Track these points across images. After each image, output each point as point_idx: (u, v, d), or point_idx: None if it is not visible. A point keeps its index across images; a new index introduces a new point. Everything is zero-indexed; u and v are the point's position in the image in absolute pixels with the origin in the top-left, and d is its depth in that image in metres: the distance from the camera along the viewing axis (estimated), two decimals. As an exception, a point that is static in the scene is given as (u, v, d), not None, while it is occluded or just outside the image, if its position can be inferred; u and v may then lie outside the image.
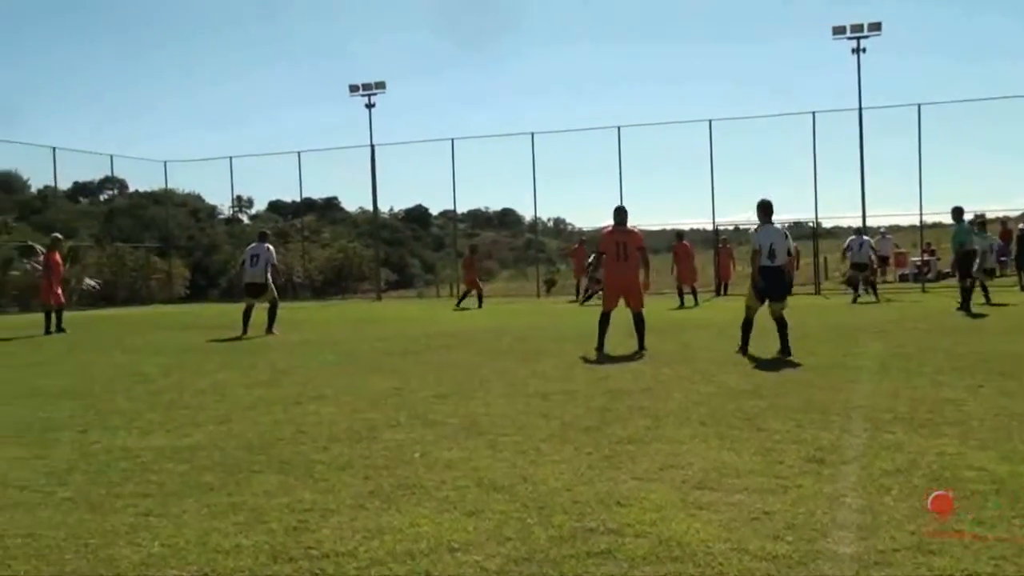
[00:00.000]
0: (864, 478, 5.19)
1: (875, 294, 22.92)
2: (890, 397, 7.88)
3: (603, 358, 11.42)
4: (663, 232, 50.12)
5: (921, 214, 29.51)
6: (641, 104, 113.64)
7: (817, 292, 27.61)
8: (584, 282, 26.72)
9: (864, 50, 29.01)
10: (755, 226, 12.42)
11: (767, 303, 11.77)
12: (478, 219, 75.99)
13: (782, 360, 10.63)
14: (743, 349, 11.52)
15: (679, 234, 25.54)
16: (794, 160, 31.65)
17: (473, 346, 13.73)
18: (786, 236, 11.98)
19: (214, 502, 5.06)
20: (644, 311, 12.49)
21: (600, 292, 26.66)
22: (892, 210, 51.14)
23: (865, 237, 24.05)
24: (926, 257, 31.19)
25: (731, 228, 33.02)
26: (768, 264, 11.69)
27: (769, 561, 3.88)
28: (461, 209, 54.84)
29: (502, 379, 9.78)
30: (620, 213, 12.73)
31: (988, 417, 6.87)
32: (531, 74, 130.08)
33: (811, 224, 30.97)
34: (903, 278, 32.16)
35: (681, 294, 23.38)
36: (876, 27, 28.99)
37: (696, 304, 22.68)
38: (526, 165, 33.11)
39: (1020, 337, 12.60)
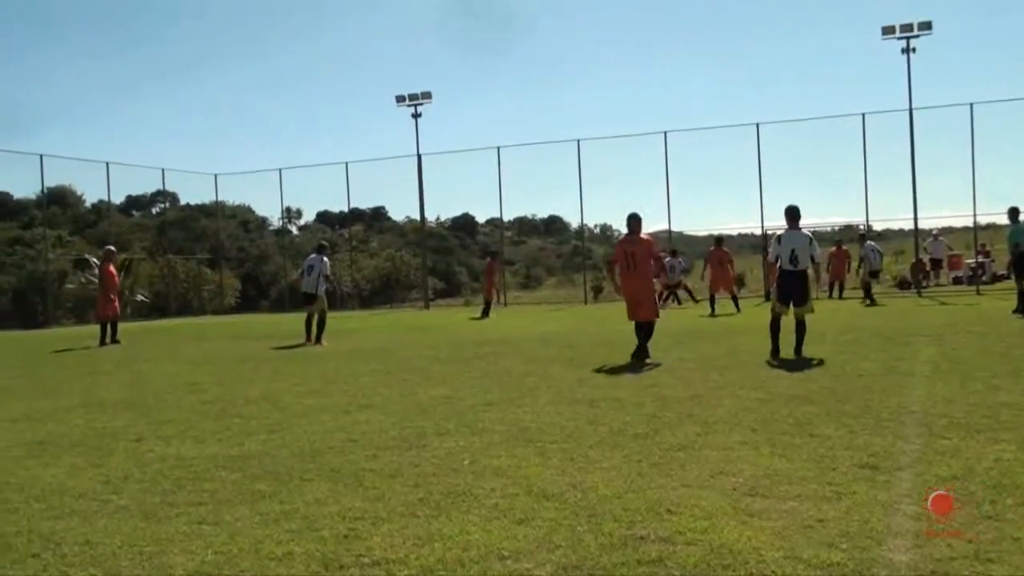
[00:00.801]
0: (919, 485, 5.11)
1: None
2: (945, 402, 7.74)
3: (636, 366, 11.35)
4: (711, 238, 49.90)
5: (975, 215, 29.00)
6: (688, 108, 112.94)
7: (867, 297, 27.18)
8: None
9: (914, 50, 28.63)
10: (781, 230, 12.44)
11: (791, 307, 11.94)
12: (524, 227, 76.15)
13: (839, 366, 10.48)
14: (774, 352, 11.60)
15: (718, 239, 25.36)
16: (844, 162, 31.19)
17: (521, 353, 13.72)
18: (811, 242, 12.03)
19: (266, 510, 5.12)
20: (656, 322, 12.42)
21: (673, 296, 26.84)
22: (945, 212, 50.44)
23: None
24: (980, 259, 30.61)
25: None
26: (791, 269, 11.90)
27: (823, 569, 3.83)
28: (507, 217, 54.88)
29: (550, 386, 9.77)
30: (632, 221, 12.45)
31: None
32: (574, 78, 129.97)
33: (861, 227, 30.54)
34: (957, 280, 31.61)
35: (713, 301, 23.13)
36: (926, 26, 28.59)
37: (737, 311, 22.37)
38: (572, 172, 33.04)
39: None
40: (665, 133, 31.87)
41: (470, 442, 6.85)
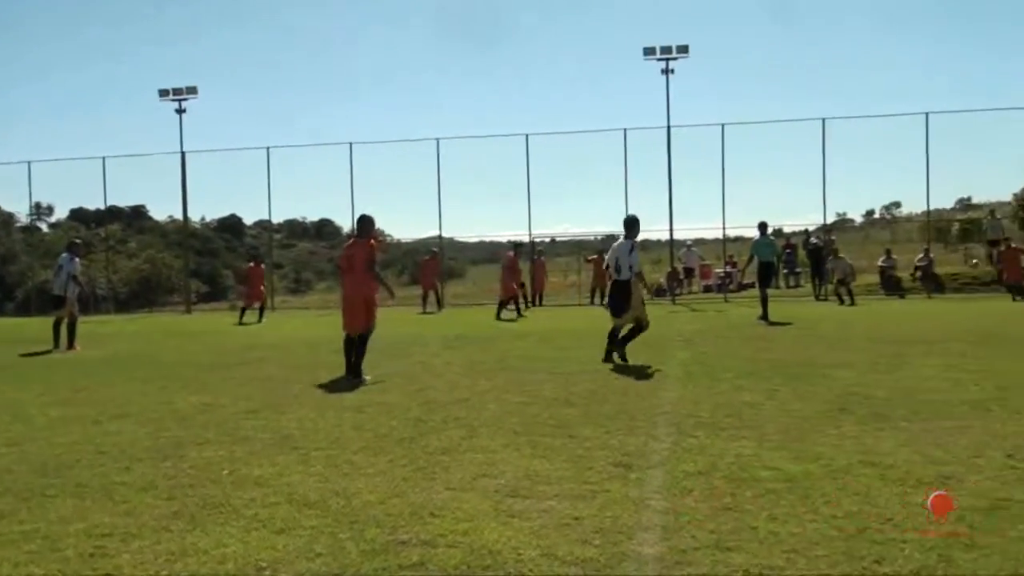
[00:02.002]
0: (668, 481, 5.40)
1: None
2: (693, 402, 8.22)
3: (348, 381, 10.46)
4: (481, 244, 50.68)
5: (724, 227, 31.02)
6: (461, 117, 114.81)
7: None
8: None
9: (673, 71, 30.24)
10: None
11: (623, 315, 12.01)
12: (295, 229, 74.66)
13: (596, 369, 10.88)
14: (608, 355, 11.61)
15: (515, 245, 25.96)
16: (608, 174, 32.61)
17: (288, 359, 13.42)
18: (630, 251, 12.08)
19: (3, 531, 4.75)
20: (372, 335, 11.19)
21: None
22: (698, 223, 53.69)
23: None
24: (729, 269, 32.73)
25: (548, 240, 33.65)
26: (616, 278, 12.12)
27: (578, 565, 3.97)
28: (277, 219, 53.60)
29: (316, 392, 9.62)
30: (361, 223, 11.52)
31: (782, 419, 7.28)
32: (346, 81, 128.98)
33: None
34: (707, 289, 33.64)
35: (515, 303, 23.39)
36: (684, 50, 30.27)
37: (519, 315, 22.87)
38: (344, 175, 32.63)
39: (814, 344, 13.40)
40: (438, 140, 32.07)
41: (230, 451, 6.62)
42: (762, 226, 19.52)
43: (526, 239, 30.94)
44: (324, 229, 73.17)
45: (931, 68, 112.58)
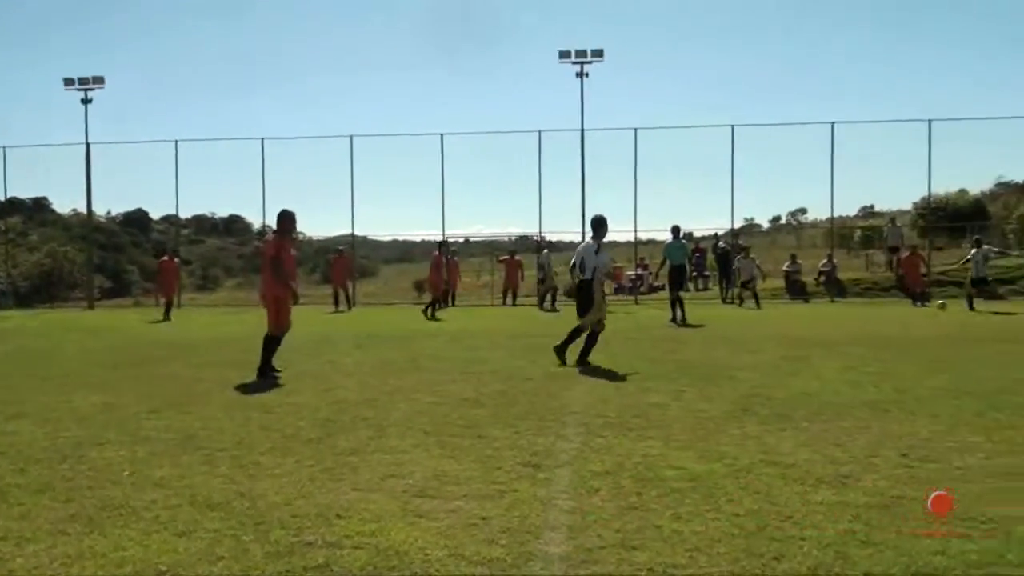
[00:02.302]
0: (575, 481, 5.45)
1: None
2: (602, 403, 8.31)
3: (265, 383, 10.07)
4: (395, 243, 50.42)
5: (636, 230, 31.42)
6: (374, 115, 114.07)
7: (540, 306, 28.61)
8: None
9: (587, 75, 30.49)
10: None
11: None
12: (203, 225, 73.23)
13: (507, 369, 10.91)
14: (559, 352, 11.44)
15: (441, 244, 25.99)
16: (522, 176, 32.78)
17: (194, 357, 13.15)
18: (597, 252, 11.91)
19: None
20: (278, 334, 10.95)
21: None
22: (610, 226, 54.16)
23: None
24: (640, 271, 33.16)
25: (461, 240, 33.63)
26: (580, 277, 11.92)
27: (484, 565, 3.99)
28: (185, 214, 52.46)
29: (223, 391, 9.44)
30: (280, 219, 11.13)
31: (688, 420, 7.40)
32: (266, 77, 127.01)
33: (536, 238, 32.13)
34: (619, 291, 34.00)
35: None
36: (599, 54, 30.52)
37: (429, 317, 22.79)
38: (255, 171, 32.08)
39: (720, 346, 13.66)
40: (351, 137, 31.79)
41: (132, 452, 6.46)
42: (675, 229, 19.94)
43: (439, 238, 30.88)
44: (234, 225, 71.95)
45: (838, 79, 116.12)
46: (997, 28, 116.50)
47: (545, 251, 28.33)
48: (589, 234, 12.48)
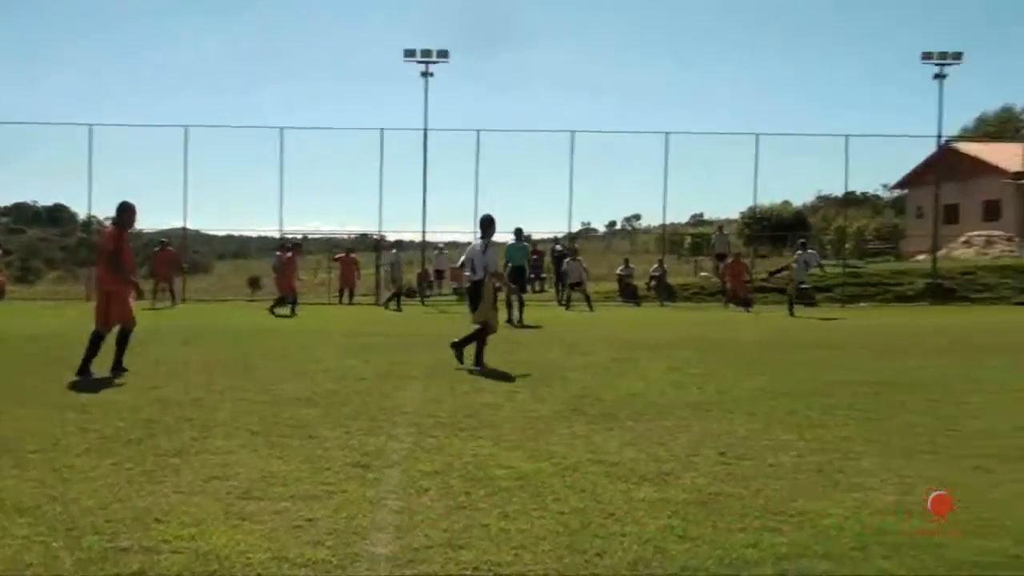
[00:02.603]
0: (405, 481, 5.45)
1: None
2: (435, 403, 8.33)
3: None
4: (230, 238, 49.05)
5: (476, 232, 31.49)
6: (209, 106, 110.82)
7: (377, 303, 28.43)
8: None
9: (432, 74, 30.38)
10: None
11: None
12: (23, 214, 69.19)
13: (340, 369, 10.78)
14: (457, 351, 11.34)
15: (285, 242, 25.43)
16: (363, 173, 32.52)
17: (8, 354, 12.42)
18: (485, 251, 11.80)
19: None
20: (135, 328, 10.64)
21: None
22: (452, 227, 54.52)
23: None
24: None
25: (300, 237, 32.94)
26: (470, 277, 11.93)
27: (309, 567, 3.93)
28: (3, 202, 49.42)
29: (37, 390, 8.94)
30: (119, 211, 10.63)
31: (519, 420, 7.51)
32: (87, 56, 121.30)
33: (375, 235, 31.89)
34: (457, 291, 34.13)
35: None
36: (444, 54, 30.43)
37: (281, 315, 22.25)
38: (82, 159, 30.50)
39: (555, 347, 13.90)
40: (186, 128, 30.67)
41: (-70, 454, 6.04)
42: (517, 232, 20.22)
43: (277, 235, 30.26)
44: (58, 215, 68.25)
45: (674, 91, 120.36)
46: (820, 48, 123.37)
47: (395, 251, 28.17)
48: (477, 233, 12.43)
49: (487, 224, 12.16)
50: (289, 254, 23.61)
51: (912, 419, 7.71)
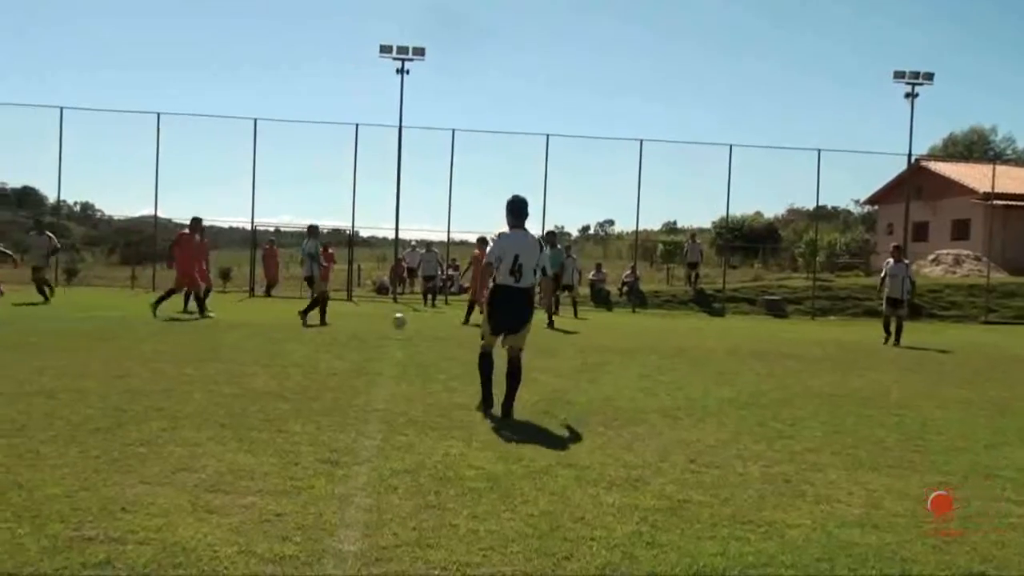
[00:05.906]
0: (374, 478, 5.42)
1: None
2: (407, 401, 8.31)
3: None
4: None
5: (449, 231, 31.50)
6: (183, 96, 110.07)
7: (349, 299, 28.31)
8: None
9: (408, 71, 30.25)
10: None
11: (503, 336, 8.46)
12: (-9, 196, 68.22)
13: (312, 363, 10.73)
14: (485, 402, 8.01)
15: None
16: (337, 168, 32.33)
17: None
18: (541, 248, 8.37)
19: None
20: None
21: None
22: (425, 225, 54.46)
23: None
24: (451, 272, 33.32)
25: (272, 229, 32.75)
26: (510, 284, 8.15)
27: (276, 563, 3.90)
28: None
29: (4, 374, 8.83)
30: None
31: (490, 421, 7.49)
32: (55, 42, 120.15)
33: (348, 231, 31.78)
34: (381, 290, 34.03)
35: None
36: (420, 52, 30.36)
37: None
38: (52, 142, 30.14)
39: (527, 350, 13.84)
40: (159, 115, 30.35)
41: None
42: (481, 241, 20.26)
43: (248, 227, 30.04)
44: (28, 198, 67.37)
45: (647, 99, 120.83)
46: (795, 62, 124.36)
47: (425, 249, 28.41)
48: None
49: (518, 208, 8.34)
50: (198, 237, 18.69)
51: (879, 433, 7.78)
